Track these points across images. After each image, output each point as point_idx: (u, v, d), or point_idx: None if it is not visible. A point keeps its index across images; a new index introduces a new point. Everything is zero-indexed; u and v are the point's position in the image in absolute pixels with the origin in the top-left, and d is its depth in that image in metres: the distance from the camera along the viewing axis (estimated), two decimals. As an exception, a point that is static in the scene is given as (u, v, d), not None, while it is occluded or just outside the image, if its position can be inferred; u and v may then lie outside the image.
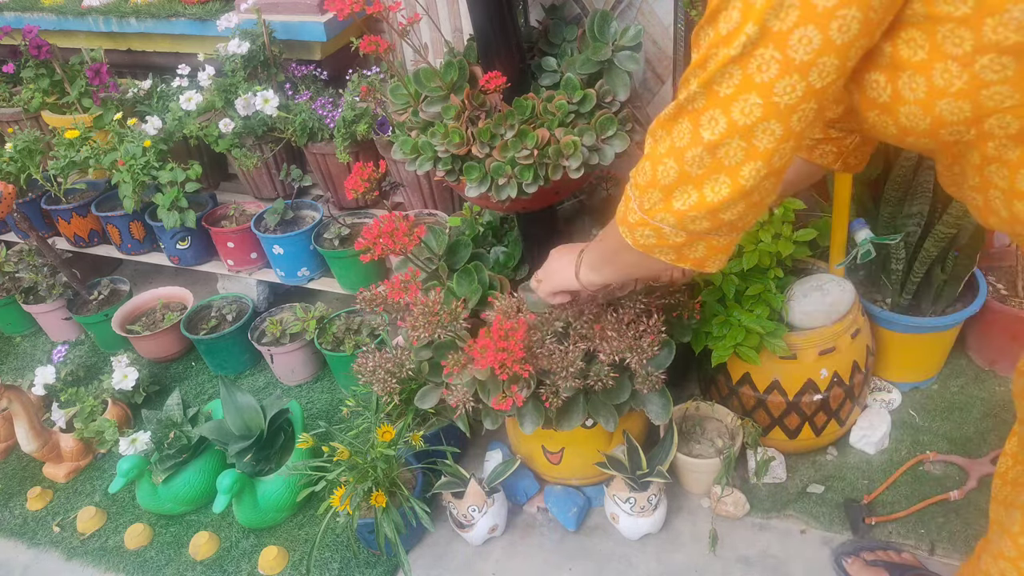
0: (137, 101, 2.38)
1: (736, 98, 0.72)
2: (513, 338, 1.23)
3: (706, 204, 0.79)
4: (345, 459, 1.63)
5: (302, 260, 2.21)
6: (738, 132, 0.74)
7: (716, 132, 0.75)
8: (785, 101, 0.71)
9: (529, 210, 1.57)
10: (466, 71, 1.43)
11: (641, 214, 0.85)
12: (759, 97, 0.71)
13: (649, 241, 0.87)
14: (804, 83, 0.69)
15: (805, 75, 0.69)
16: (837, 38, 0.67)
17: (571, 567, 1.67)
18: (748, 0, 0.68)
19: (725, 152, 0.76)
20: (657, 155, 0.81)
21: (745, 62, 0.70)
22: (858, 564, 1.52)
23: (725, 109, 0.73)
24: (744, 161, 0.76)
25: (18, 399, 1.97)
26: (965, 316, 1.74)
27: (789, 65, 0.68)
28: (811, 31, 0.66)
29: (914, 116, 0.72)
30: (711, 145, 0.76)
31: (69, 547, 1.90)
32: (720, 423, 1.76)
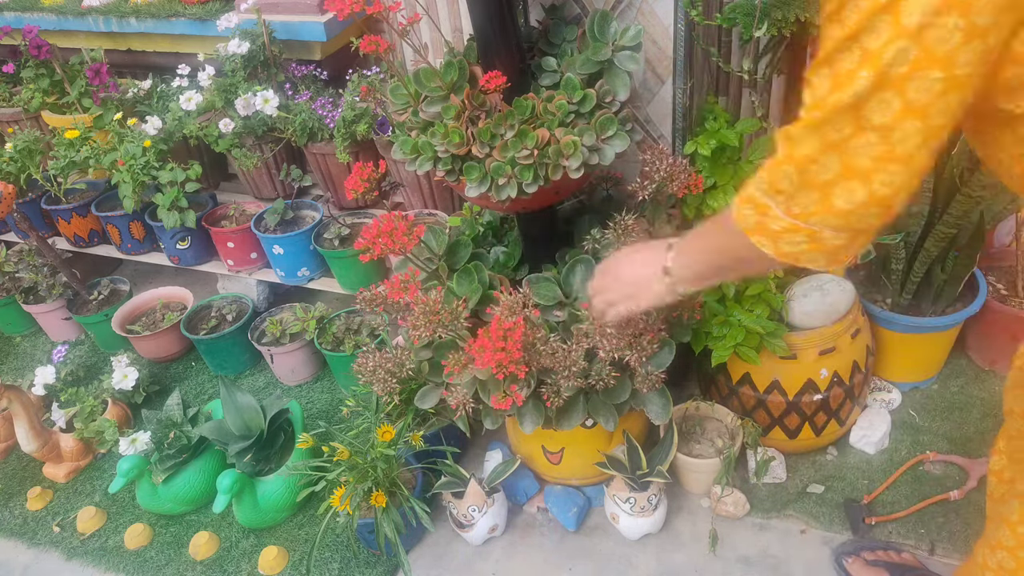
0: (137, 101, 2.38)
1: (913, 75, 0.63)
2: (511, 338, 1.23)
3: (877, 198, 0.71)
4: (345, 459, 1.63)
5: (302, 260, 2.21)
6: (916, 113, 0.65)
7: (889, 114, 0.66)
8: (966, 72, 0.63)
9: (529, 210, 1.57)
10: (466, 71, 1.43)
11: (790, 219, 0.76)
12: (941, 71, 0.63)
13: (800, 248, 0.78)
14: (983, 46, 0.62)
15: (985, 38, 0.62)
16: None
17: (571, 567, 1.67)
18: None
19: (901, 136, 0.66)
20: (802, 156, 0.72)
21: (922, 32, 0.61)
22: (858, 564, 1.52)
23: (900, 89, 0.64)
24: (922, 144, 0.67)
25: (18, 399, 1.97)
26: (965, 316, 1.74)
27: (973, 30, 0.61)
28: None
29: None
30: (884, 130, 0.66)
31: (69, 547, 1.90)
32: (720, 423, 1.76)
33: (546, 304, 1.51)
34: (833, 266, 0.81)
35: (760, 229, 0.81)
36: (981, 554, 1.05)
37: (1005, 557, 0.99)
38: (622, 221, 1.49)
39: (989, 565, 1.02)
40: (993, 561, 1.01)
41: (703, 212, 1.71)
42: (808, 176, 0.73)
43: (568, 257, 1.59)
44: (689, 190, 1.62)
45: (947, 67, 0.62)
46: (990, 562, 1.02)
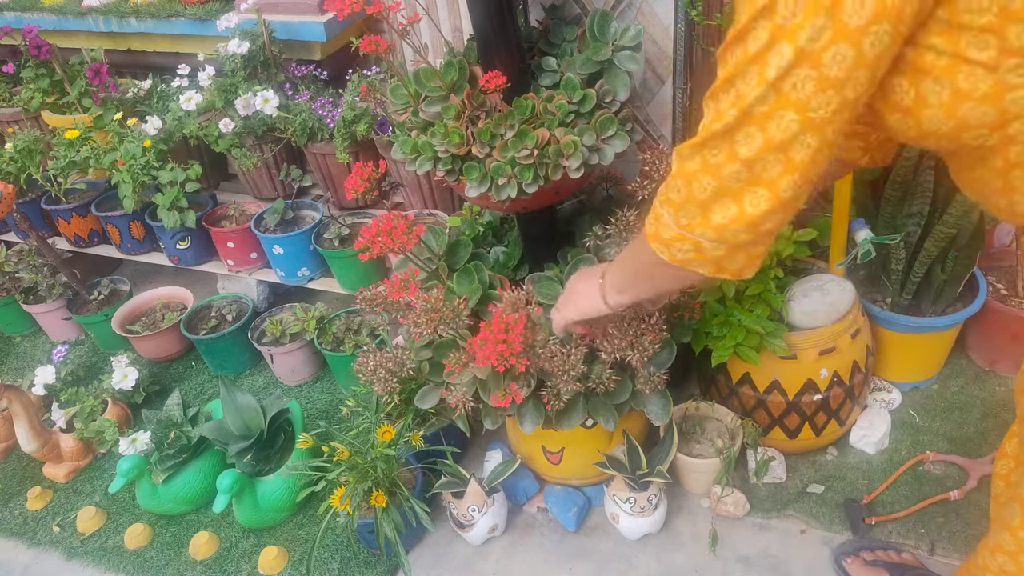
0: (137, 101, 2.38)
1: (772, 115, 0.73)
2: (513, 331, 1.23)
3: (746, 217, 0.81)
4: (345, 459, 1.63)
5: (302, 260, 2.21)
6: (775, 147, 0.75)
7: (753, 148, 0.76)
8: (820, 115, 0.72)
9: (529, 210, 1.57)
10: (466, 71, 1.43)
11: (678, 230, 0.86)
12: (795, 113, 0.72)
13: (688, 256, 0.88)
14: (839, 97, 0.71)
15: (840, 89, 0.70)
16: (869, 52, 0.68)
17: (571, 567, 1.67)
18: (778, 22, 0.69)
19: (763, 167, 0.77)
20: (690, 172, 0.82)
21: (780, 82, 0.71)
22: (858, 564, 1.52)
23: (761, 126, 0.74)
24: (782, 174, 0.77)
25: (18, 399, 1.97)
26: (965, 316, 1.74)
27: (824, 82, 0.70)
28: (844, 48, 0.68)
29: (937, 119, 0.73)
30: (748, 161, 0.77)
31: (69, 547, 1.90)
32: (720, 423, 1.76)
33: (548, 303, 1.51)
34: (724, 275, 0.90)
35: (657, 236, 0.90)
36: (983, 556, 1.05)
37: (1006, 561, 0.99)
38: (624, 218, 1.49)
39: (990, 568, 1.02)
40: (994, 564, 1.01)
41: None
42: (692, 191, 0.83)
43: (570, 256, 1.59)
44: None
45: (801, 110, 0.72)
46: (991, 565, 1.02)
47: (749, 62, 0.72)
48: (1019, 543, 0.97)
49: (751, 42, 0.72)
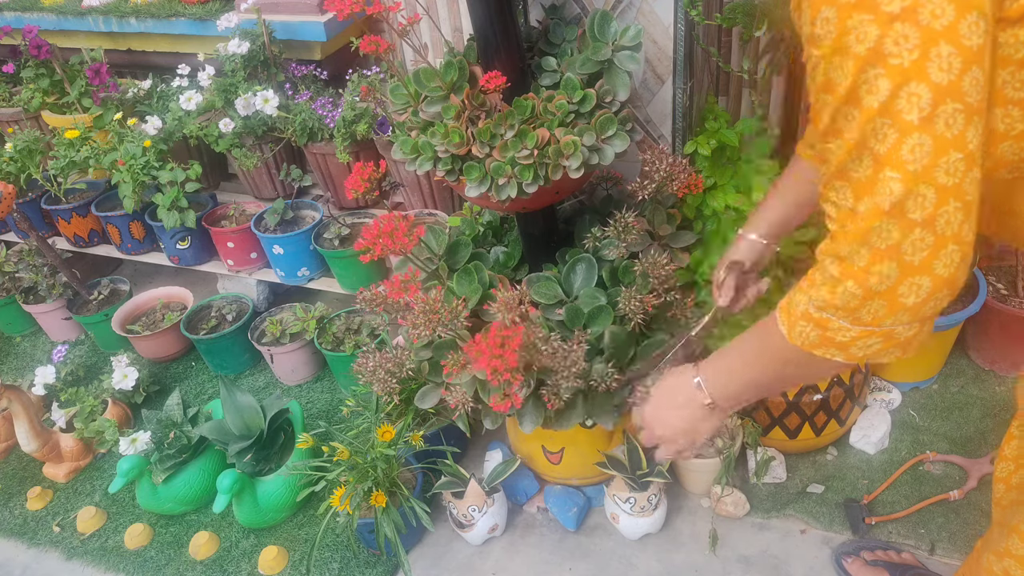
0: (137, 101, 2.38)
1: (936, 164, 0.66)
2: (508, 346, 1.22)
3: (942, 280, 0.71)
4: (345, 459, 1.63)
5: (302, 260, 2.21)
6: (951, 194, 0.67)
7: (929, 206, 0.67)
8: (975, 145, 0.66)
9: (529, 210, 1.57)
10: (466, 71, 1.43)
11: (861, 328, 0.77)
12: (958, 151, 0.65)
13: (873, 349, 0.80)
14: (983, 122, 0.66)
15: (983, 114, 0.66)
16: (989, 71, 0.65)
17: (571, 567, 1.67)
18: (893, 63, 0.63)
19: (945, 221, 0.68)
20: (859, 269, 0.73)
21: (929, 124, 0.64)
22: (858, 564, 1.52)
23: (929, 180, 0.66)
24: (964, 220, 0.69)
25: (18, 399, 1.97)
26: (965, 316, 1.74)
27: (971, 110, 0.65)
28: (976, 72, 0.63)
29: None
30: (928, 221, 0.68)
31: (69, 547, 1.90)
32: (720, 423, 1.76)
33: (547, 303, 1.51)
34: (908, 354, 0.82)
35: (825, 342, 0.80)
36: (987, 559, 1.04)
37: (1012, 565, 0.98)
38: (622, 219, 1.49)
39: (995, 571, 1.02)
40: (999, 568, 1.01)
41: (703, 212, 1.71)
42: (871, 286, 0.73)
43: (568, 256, 1.59)
44: (689, 190, 1.62)
45: (962, 146, 0.65)
46: (996, 568, 1.01)
47: (879, 116, 0.65)
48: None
49: (868, 96, 0.65)
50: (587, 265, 1.55)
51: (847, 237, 0.72)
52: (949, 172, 0.66)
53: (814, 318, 0.79)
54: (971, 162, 0.66)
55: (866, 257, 0.72)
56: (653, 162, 1.52)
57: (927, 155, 0.65)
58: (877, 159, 0.67)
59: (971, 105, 0.64)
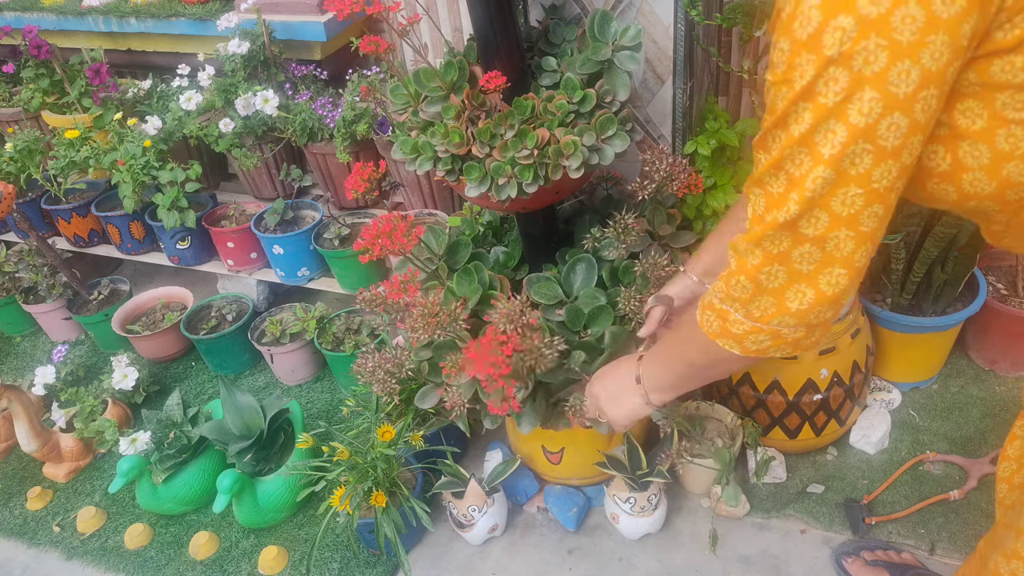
0: (137, 101, 2.38)
1: (835, 194, 0.72)
2: (501, 353, 1.21)
3: (825, 296, 0.79)
4: (345, 459, 1.63)
5: (302, 260, 2.21)
6: (843, 223, 0.74)
7: (820, 227, 0.75)
8: (884, 184, 0.71)
9: (529, 210, 1.57)
10: (466, 71, 1.43)
11: (751, 323, 0.85)
12: (858, 187, 0.71)
13: (764, 345, 0.87)
14: (898, 164, 0.70)
15: (898, 157, 0.70)
16: (920, 118, 0.68)
17: (571, 567, 1.67)
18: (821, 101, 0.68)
19: (834, 244, 0.75)
20: (754, 267, 0.81)
21: (837, 161, 0.70)
22: (858, 564, 1.52)
23: (825, 207, 0.73)
24: (856, 248, 0.76)
25: (18, 399, 1.97)
26: (965, 316, 1.74)
27: (882, 153, 0.69)
28: (898, 117, 0.67)
29: (979, 182, 0.73)
30: (818, 240, 0.76)
31: (69, 547, 1.90)
32: (720, 423, 1.76)
33: (547, 303, 1.51)
34: (799, 352, 0.90)
35: (724, 333, 0.89)
36: (995, 561, 1.04)
37: (1020, 567, 0.98)
38: (622, 220, 1.49)
39: (1001, 573, 1.01)
40: (1007, 570, 1.00)
41: (703, 212, 1.71)
42: (760, 284, 0.82)
43: (568, 256, 1.59)
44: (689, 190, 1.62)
45: (864, 184, 0.71)
46: (1003, 571, 1.01)
47: (797, 144, 0.71)
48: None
49: (794, 125, 0.71)
50: (587, 265, 1.56)
51: (747, 238, 0.81)
52: (846, 204, 0.72)
53: (716, 308, 0.89)
54: (872, 198, 0.72)
55: (759, 257, 0.80)
56: (653, 162, 1.52)
57: (828, 186, 0.72)
58: (791, 180, 0.74)
59: (883, 148, 0.69)
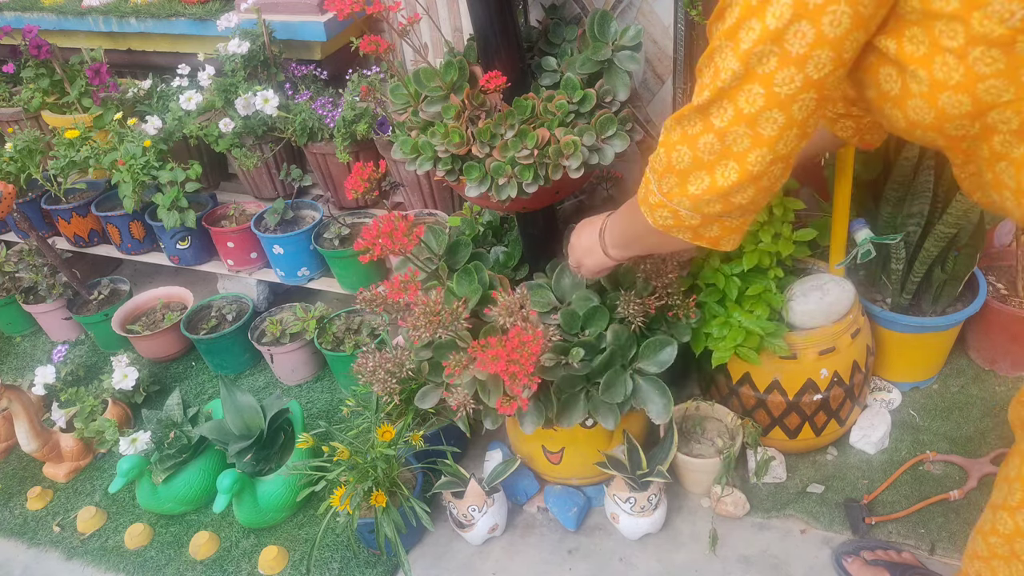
0: (137, 101, 2.38)
1: (741, 89, 0.78)
2: (528, 351, 1.22)
3: (717, 188, 0.85)
4: (345, 459, 1.63)
5: (302, 260, 2.21)
6: (744, 120, 0.79)
7: (724, 120, 0.80)
8: (785, 91, 0.76)
9: (529, 210, 1.57)
10: (466, 71, 1.43)
11: (660, 196, 0.92)
12: (761, 87, 0.76)
13: (668, 222, 0.94)
14: (802, 75, 0.74)
15: (802, 67, 0.74)
16: (829, 32, 0.71)
17: (571, 567, 1.67)
18: (748, 2, 0.74)
19: (733, 139, 0.81)
20: (671, 143, 0.88)
21: (748, 57, 0.75)
22: (858, 564, 1.52)
23: (732, 100, 0.79)
24: (751, 148, 0.81)
25: (18, 399, 1.97)
26: (965, 316, 1.74)
27: (786, 58, 0.74)
28: (805, 26, 0.71)
29: (920, 109, 0.75)
30: (720, 132, 0.81)
31: (69, 547, 1.90)
32: (720, 423, 1.76)
33: (541, 310, 1.51)
34: (701, 243, 0.96)
35: (644, 200, 0.97)
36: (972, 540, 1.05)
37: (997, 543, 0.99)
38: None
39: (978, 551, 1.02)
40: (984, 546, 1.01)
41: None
42: (671, 160, 0.89)
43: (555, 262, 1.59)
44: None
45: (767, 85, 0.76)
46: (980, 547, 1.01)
47: (726, 37, 0.77)
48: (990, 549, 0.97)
49: (728, 18, 0.77)
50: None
51: (674, 115, 0.87)
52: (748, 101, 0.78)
53: (645, 175, 0.96)
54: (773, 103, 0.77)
55: (677, 135, 0.87)
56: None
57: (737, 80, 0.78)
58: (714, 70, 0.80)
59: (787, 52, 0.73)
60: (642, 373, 1.48)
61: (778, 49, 0.74)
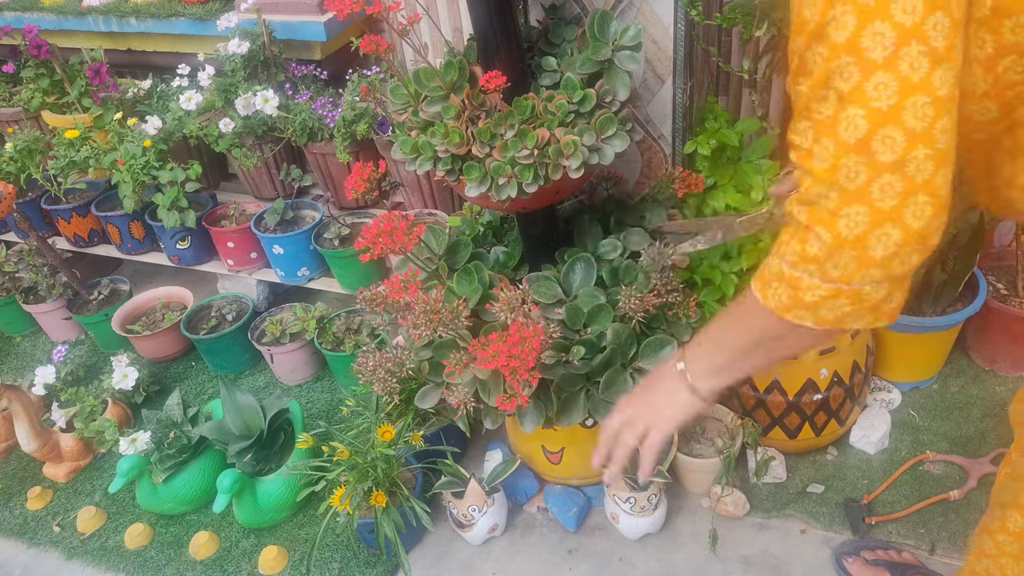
0: (137, 101, 2.38)
1: (903, 105, 0.63)
2: (528, 346, 1.22)
3: (913, 233, 0.67)
4: (345, 459, 1.63)
5: (302, 260, 2.21)
6: (920, 139, 0.64)
7: (898, 149, 0.65)
8: (946, 92, 0.64)
9: (529, 210, 1.57)
10: (466, 71, 1.43)
11: (832, 285, 0.72)
12: (924, 95, 0.63)
13: (842, 311, 0.74)
14: (952, 69, 0.64)
15: (951, 60, 0.63)
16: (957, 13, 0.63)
17: (571, 567, 1.67)
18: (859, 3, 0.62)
19: (915, 167, 0.65)
20: (821, 216, 0.69)
21: (893, 63, 0.62)
22: (859, 563, 1.52)
23: (897, 120, 0.64)
24: (936, 169, 0.65)
25: (18, 399, 1.97)
26: (965, 316, 1.74)
27: (935, 55, 0.62)
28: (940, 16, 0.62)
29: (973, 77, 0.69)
30: (897, 164, 0.65)
31: (69, 547, 1.90)
32: (720, 423, 1.76)
33: (546, 302, 1.51)
34: (879, 323, 0.77)
35: (795, 304, 0.75)
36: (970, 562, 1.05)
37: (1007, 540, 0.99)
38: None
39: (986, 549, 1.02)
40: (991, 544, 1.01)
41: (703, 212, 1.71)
42: (839, 233, 0.69)
43: (567, 256, 1.59)
44: (689, 189, 1.62)
45: (929, 91, 0.63)
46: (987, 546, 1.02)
47: (843, 52, 0.64)
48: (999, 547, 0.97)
49: (834, 31, 0.63)
50: (586, 264, 1.56)
51: (815, 181, 0.69)
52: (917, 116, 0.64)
53: (786, 277, 0.75)
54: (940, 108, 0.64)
55: (835, 199, 0.68)
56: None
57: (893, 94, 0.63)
58: (841, 97, 0.65)
59: (935, 49, 0.62)
60: (642, 372, 1.47)
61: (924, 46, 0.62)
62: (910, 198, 0.66)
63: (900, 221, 0.67)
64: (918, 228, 0.67)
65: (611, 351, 1.44)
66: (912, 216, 0.67)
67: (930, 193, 0.66)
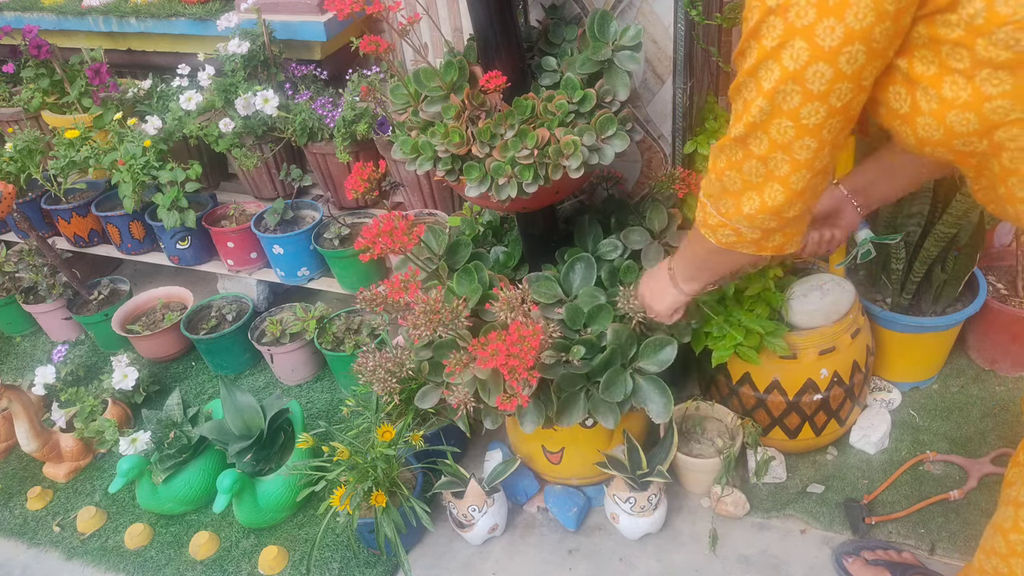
0: (137, 101, 2.38)
1: (771, 123, 0.84)
2: (528, 345, 1.23)
3: (768, 207, 0.92)
4: (345, 459, 1.63)
5: (302, 260, 2.21)
6: (779, 148, 0.86)
7: (762, 148, 0.87)
8: (812, 122, 0.81)
9: (529, 210, 1.57)
10: (466, 71, 1.43)
11: (720, 217, 0.99)
12: (789, 120, 0.82)
13: (730, 239, 1.00)
14: (825, 106, 0.80)
15: (825, 100, 0.79)
16: (847, 68, 0.76)
17: (571, 567, 1.67)
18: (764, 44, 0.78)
19: (774, 164, 0.88)
20: (719, 169, 0.95)
21: (773, 95, 0.81)
22: (859, 563, 1.52)
23: (765, 131, 0.85)
24: (791, 171, 0.88)
25: (18, 399, 1.97)
26: (965, 316, 1.74)
27: (809, 95, 0.79)
28: (822, 67, 0.76)
29: (929, 127, 0.78)
30: (762, 158, 0.88)
31: (69, 547, 1.90)
32: (720, 423, 1.76)
33: (546, 302, 1.51)
34: (766, 252, 1.01)
35: (704, 223, 1.03)
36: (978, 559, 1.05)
37: (999, 563, 0.99)
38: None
39: (985, 570, 1.02)
40: (988, 566, 1.01)
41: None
42: (724, 185, 0.95)
43: (567, 256, 1.59)
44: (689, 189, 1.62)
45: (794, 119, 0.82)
46: (986, 567, 1.02)
47: (749, 74, 0.83)
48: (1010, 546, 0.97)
49: (748, 57, 0.82)
50: (586, 264, 1.56)
51: (718, 143, 0.93)
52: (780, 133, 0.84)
53: (701, 201, 1.03)
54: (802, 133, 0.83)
55: (724, 162, 0.94)
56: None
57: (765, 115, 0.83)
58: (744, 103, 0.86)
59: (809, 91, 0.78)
60: (642, 372, 1.48)
61: (799, 87, 0.79)
62: (768, 183, 0.90)
63: (760, 196, 0.92)
64: (772, 205, 0.92)
65: (611, 351, 1.44)
66: (768, 196, 0.91)
67: (783, 185, 0.89)
